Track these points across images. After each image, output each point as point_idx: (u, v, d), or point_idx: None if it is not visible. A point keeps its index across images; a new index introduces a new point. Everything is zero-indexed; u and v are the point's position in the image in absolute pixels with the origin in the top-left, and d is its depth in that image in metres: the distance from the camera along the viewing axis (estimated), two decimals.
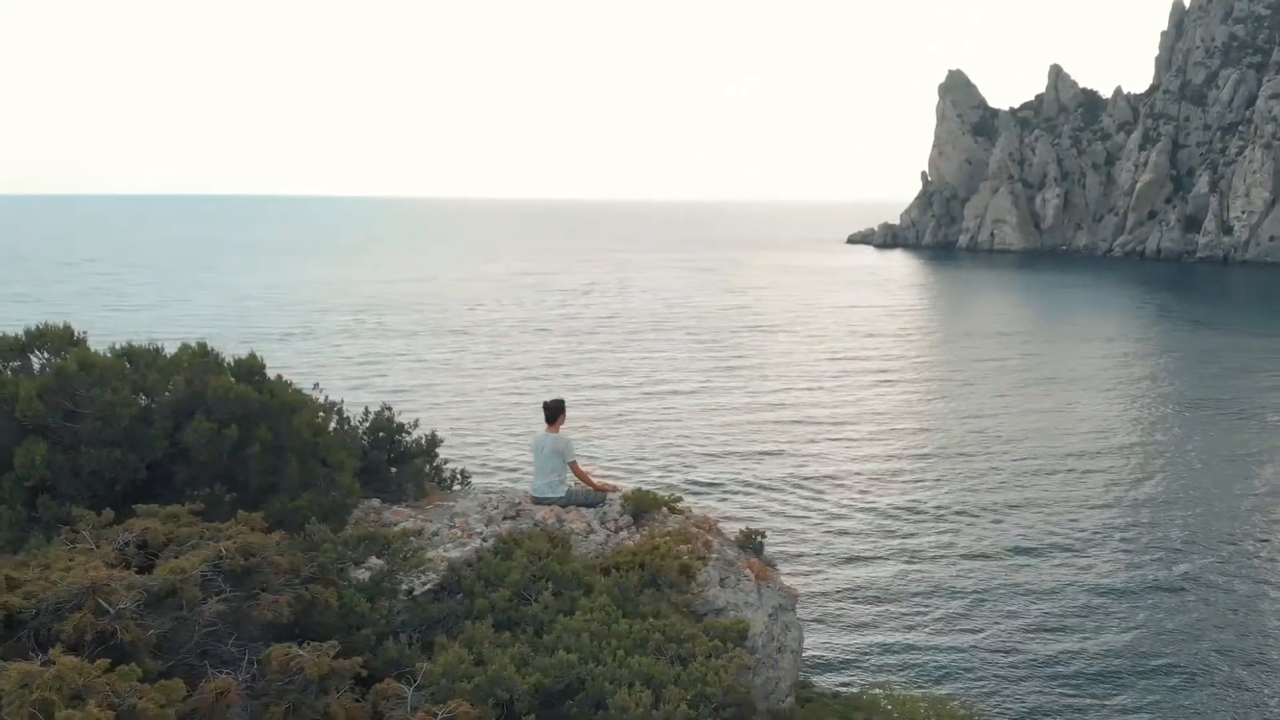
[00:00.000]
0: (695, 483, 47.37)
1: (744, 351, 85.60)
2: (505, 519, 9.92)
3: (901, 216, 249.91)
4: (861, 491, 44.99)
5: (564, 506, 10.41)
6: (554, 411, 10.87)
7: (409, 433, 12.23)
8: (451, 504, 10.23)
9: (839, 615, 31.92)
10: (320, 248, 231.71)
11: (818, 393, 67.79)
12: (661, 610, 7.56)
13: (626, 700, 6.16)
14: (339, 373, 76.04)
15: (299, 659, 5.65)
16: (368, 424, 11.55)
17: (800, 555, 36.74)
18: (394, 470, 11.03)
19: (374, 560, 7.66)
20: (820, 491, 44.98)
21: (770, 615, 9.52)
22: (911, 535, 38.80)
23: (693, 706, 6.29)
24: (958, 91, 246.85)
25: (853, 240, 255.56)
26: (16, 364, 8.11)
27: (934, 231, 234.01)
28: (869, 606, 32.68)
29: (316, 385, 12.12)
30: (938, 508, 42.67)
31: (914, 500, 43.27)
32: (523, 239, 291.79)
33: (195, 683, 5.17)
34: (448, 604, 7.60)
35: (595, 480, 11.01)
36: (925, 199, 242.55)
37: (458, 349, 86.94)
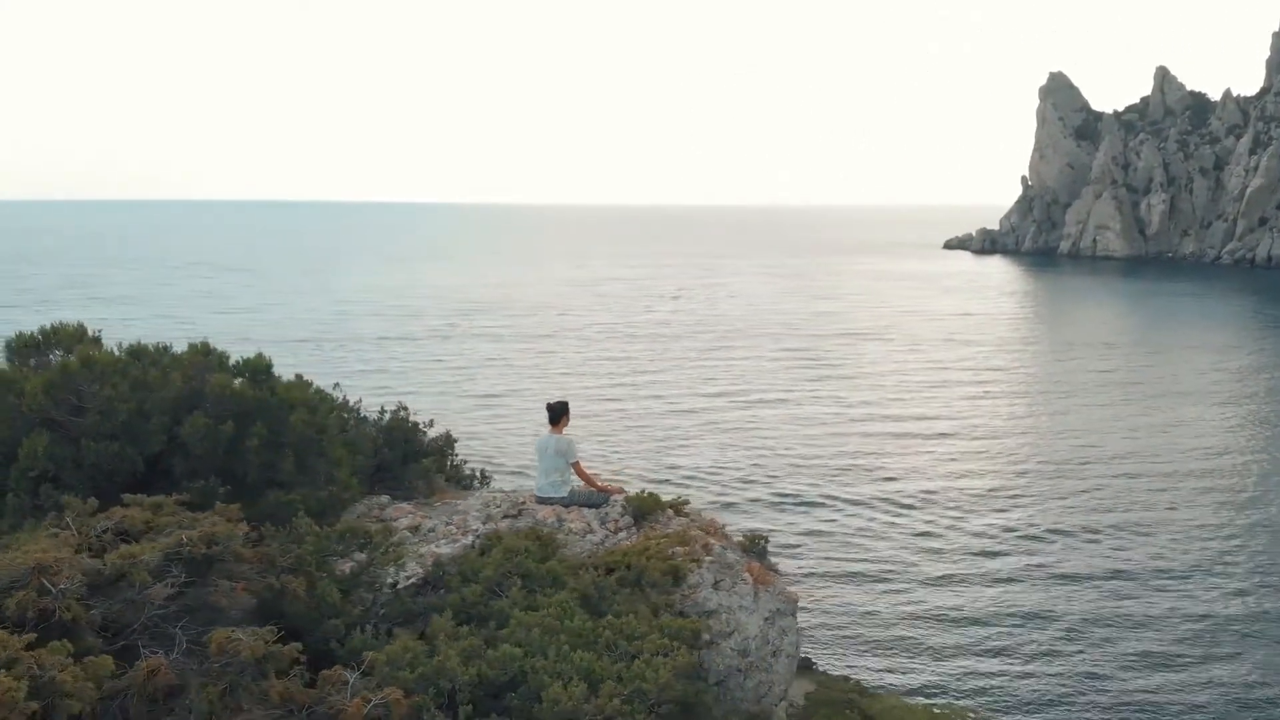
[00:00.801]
0: (779, 495, 46.79)
1: (834, 360, 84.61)
2: (506, 517, 10.16)
3: (1000, 222, 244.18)
4: (953, 508, 43.52)
5: (566, 506, 10.61)
6: (557, 413, 11.09)
7: (424, 433, 12.56)
8: (458, 502, 10.51)
9: (925, 639, 31.32)
10: (413, 253, 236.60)
11: (911, 403, 66.45)
12: (639, 610, 7.67)
13: (559, 694, 6.34)
14: (435, 378, 77.70)
15: (236, 642, 5.98)
16: (384, 423, 11.92)
17: (887, 575, 35.97)
18: (407, 468, 11.39)
19: (359, 554, 7.98)
20: (909, 508, 43.63)
21: (766, 619, 9.54)
22: (1005, 555, 37.16)
23: (627, 702, 6.42)
24: (1059, 94, 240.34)
25: (949, 245, 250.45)
26: (33, 361, 8.66)
27: (1034, 237, 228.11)
28: (957, 629, 31.96)
29: (336, 385, 12.56)
30: (1033, 526, 41.04)
31: (1009, 519, 41.42)
32: (610, 244, 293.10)
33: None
34: (430, 598, 7.87)
35: (599, 482, 11.18)
36: (1025, 204, 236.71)
37: (544, 354, 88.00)
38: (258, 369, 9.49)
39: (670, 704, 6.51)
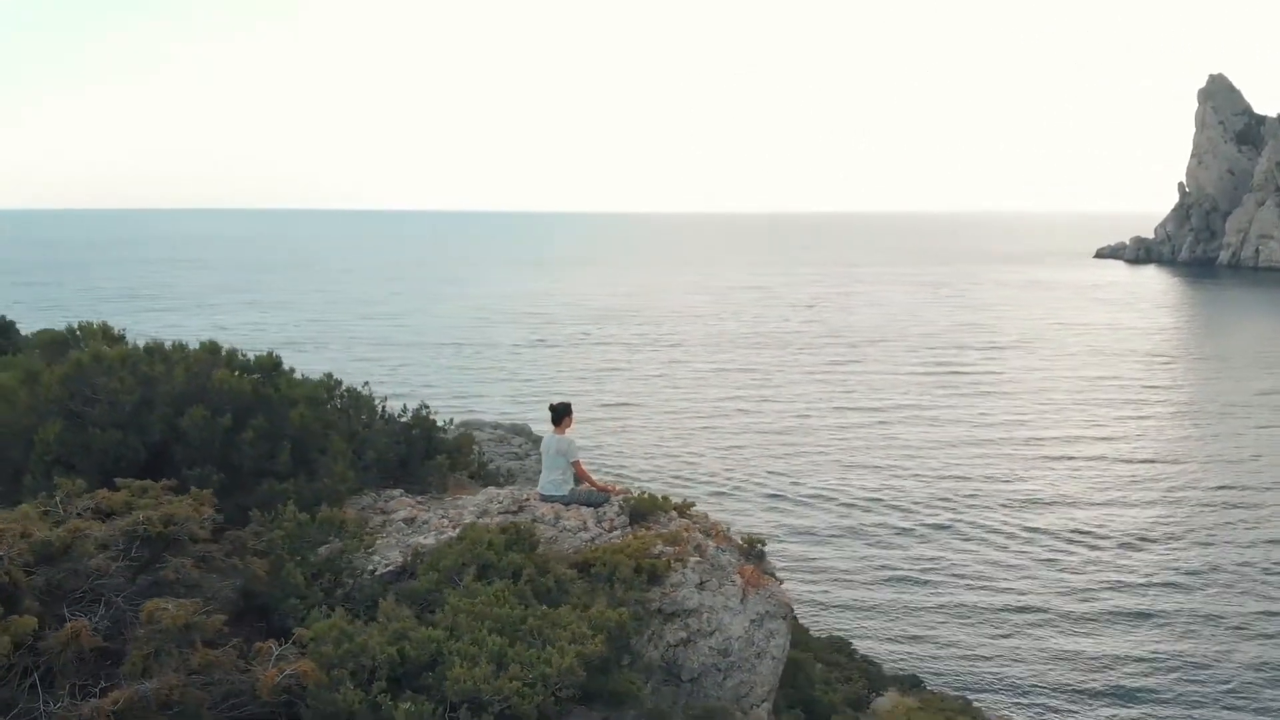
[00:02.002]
0: (907, 516, 45.81)
1: (976, 371, 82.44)
2: (505, 513, 10.55)
3: (1156, 230, 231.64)
4: (1096, 542, 41.24)
5: (566, 505, 10.94)
6: (559, 414, 11.44)
7: (444, 432, 13.10)
8: (464, 498, 10.96)
9: (1055, 681, 30.44)
10: (551, 261, 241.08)
11: (1054, 421, 63.92)
12: (594, 602, 7.95)
13: (462, 673, 6.68)
14: (563, 385, 79.25)
15: (164, 611, 6.53)
16: (406, 420, 12.50)
17: (1019, 609, 34.69)
18: (423, 465, 11.93)
19: (335, 541, 8.53)
20: (1045, 536, 41.51)
21: (753, 621, 9.63)
22: (1152, 595, 35.01)
23: (529, 685, 6.72)
24: (1219, 97, 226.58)
25: (1101, 254, 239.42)
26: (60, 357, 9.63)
27: (1192, 246, 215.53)
28: (1088, 675, 30.97)
29: (366, 384, 13.24)
30: (1184, 563, 38.71)
31: (1158, 555, 39.02)
32: (746, 252, 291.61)
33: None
34: (401, 584, 8.35)
35: (599, 481, 11.47)
36: (1182, 211, 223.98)
37: (672, 362, 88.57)
38: (264, 367, 10.17)
39: (573, 689, 6.78)
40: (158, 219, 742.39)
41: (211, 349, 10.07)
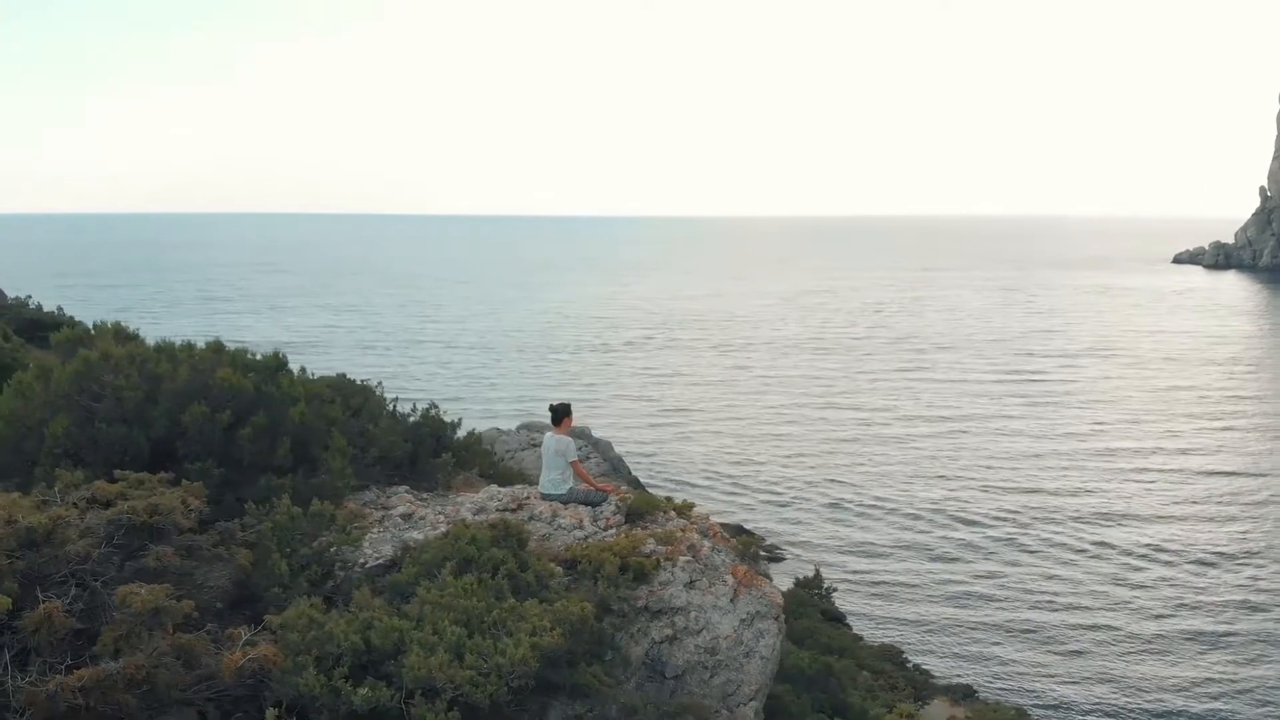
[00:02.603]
0: (970, 518, 45.24)
1: (1048, 379, 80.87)
2: (502, 511, 10.81)
3: (1236, 235, 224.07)
4: (1169, 546, 40.29)
5: (565, 503, 11.17)
6: (559, 414, 11.67)
7: (452, 431, 13.42)
8: (466, 495, 11.25)
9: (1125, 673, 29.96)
10: (617, 266, 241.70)
11: (1129, 427, 62.63)
12: (572, 598, 8.16)
13: (418, 662, 6.93)
14: (625, 389, 79.69)
15: (135, 595, 6.90)
16: (415, 419, 12.83)
17: (1092, 618, 34.19)
18: (429, 462, 12.26)
19: (326, 535, 8.89)
20: (1119, 544, 40.56)
21: (743, 621, 9.74)
22: (1229, 619, 33.92)
23: (483, 675, 6.94)
24: None
25: (1179, 260, 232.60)
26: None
27: (1274, 251, 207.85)
28: (1164, 670, 30.34)
29: (380, 383, 13.64)
30: (1255, 565, 37.46)
31: (1241, 576, 37.74)
32: (812, 256, 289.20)
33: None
34: (388, 577, 8.67)
35: (598, 482, 11.67)
36: (1264, 216, 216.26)
37: (736, 368, 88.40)
38: (268, 367, 10.58)
39: (526, 679, 6.99)
40: (232, 222, 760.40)
41: (216, 348, 10.52)
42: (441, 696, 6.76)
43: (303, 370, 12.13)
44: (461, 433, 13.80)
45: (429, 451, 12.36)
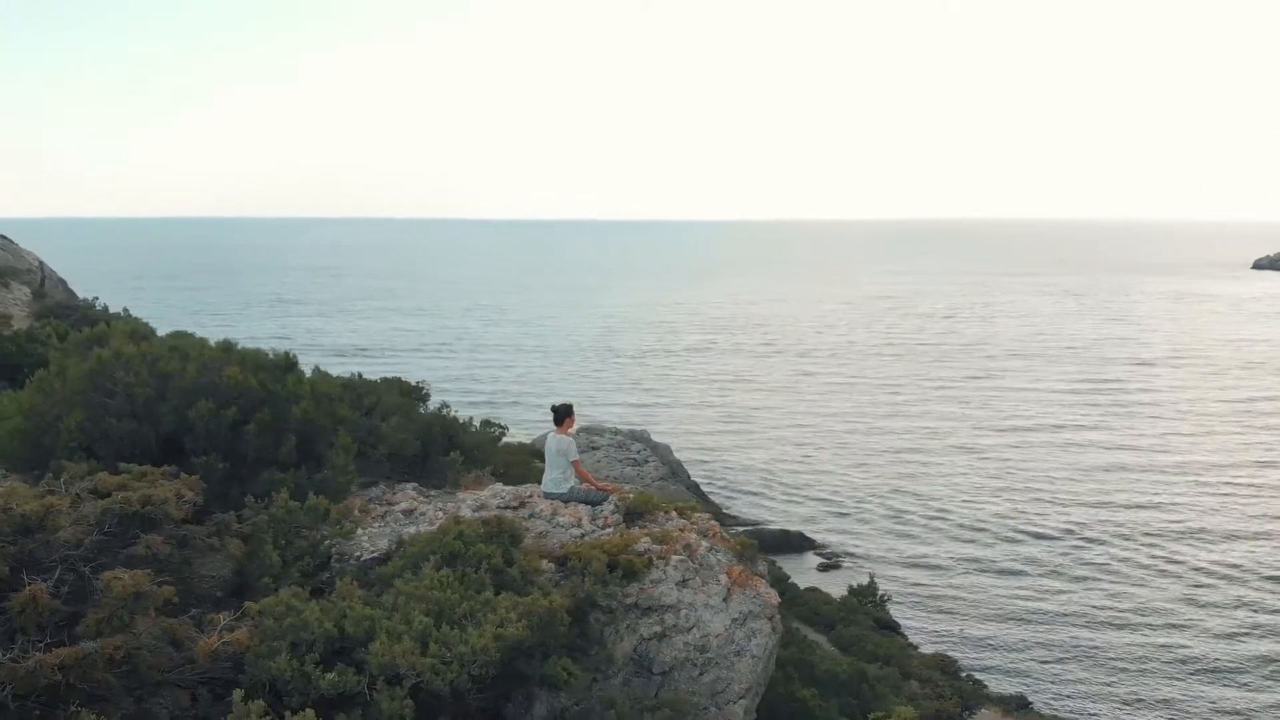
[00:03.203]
0: (1038, 532, 44.30)
1: (1121, 387, 79.09)
2: (503, 508, 11.05)
3: None
4: (1247, 565, 39.25)
5: (566, 502, 11.38)
6: (561, 414, 11.89)
7: (463, 431, 13.71)
8: (471, 493, 11.54)
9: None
10: (680, 270, 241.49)
11: (1207, 440, 60.94)
12: (544, 593, 8.42)
13: (382, 649, 7.19)
14: (687, 394, 79.73)
15: (118, 580, 7.26)
16: (426, 419, 13.15)
17: (1163, 639, 33.29)
18: (439, 461, 12.58)
19: (323, 528, 9.24)
20: (1193, 563, 39.78)
21: (735, 620, 9.86)
22: None
23: (445, 663, 7.18)
24: None
25: (1259, 265, 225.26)
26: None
27: None
28: (1236, 696, 29.60)
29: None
30: None
31: None
32: (877, 260, 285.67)
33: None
34: (379, 569, 8.98)
35: (598, 482, 11.87)
36: None
37: (799, 375, 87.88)
38: (277, 366, 10.97)
39: (486, 667, 7.21)
40: (302, 227, 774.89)
41: (225, 348, 10.95)
42: (403, 683, 7.05)
43: (318, 370, 12.54)
44: (497, 434, 14.09)
45: (440, 450, 12.69)
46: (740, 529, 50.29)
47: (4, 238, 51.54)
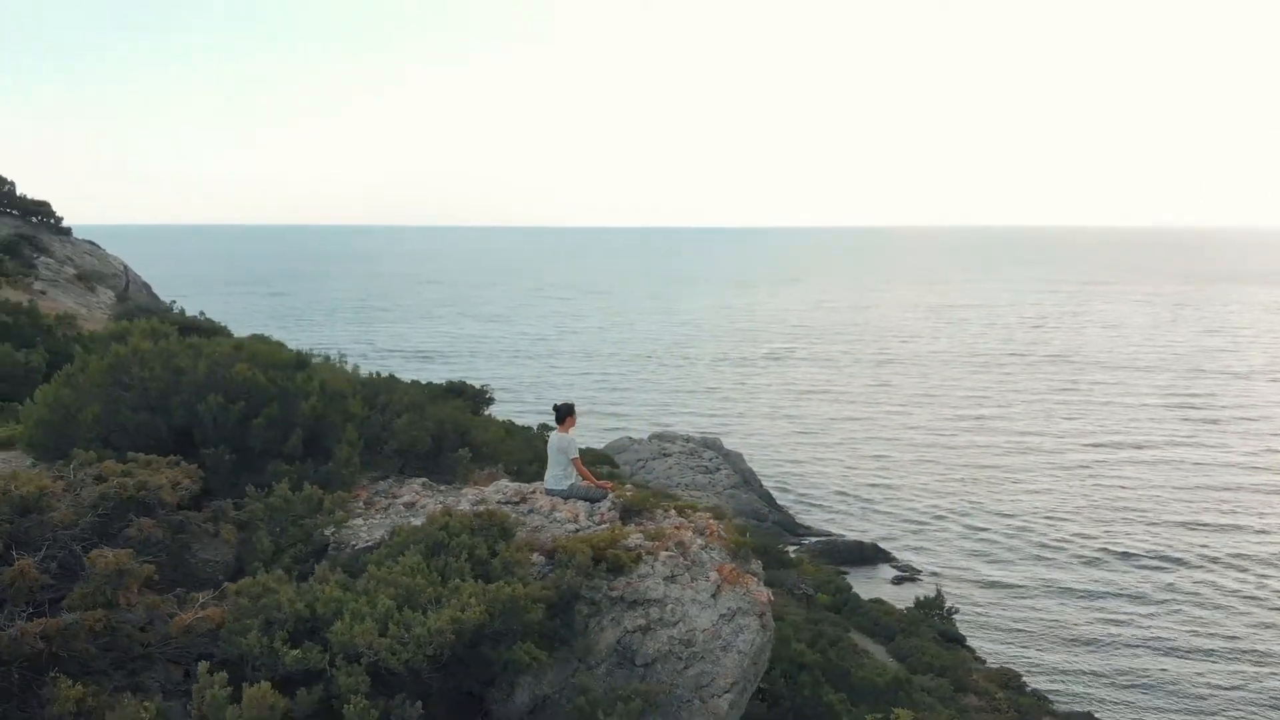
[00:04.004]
0: (1124, 552, 43.33)
1: (1220, 402, 76.76)
2: (504, 503, 11.40)
3: None
4: None
5: (565, 499, 11.70)
6: (562, 414, 12.20)
7: (474, 430, 14.13)
8: (470, 488, 11.93)
9: None
10: (761, 276, 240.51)
11: None
12: (519, 584, 8.77)
13: (341, 628, 7.57)
14: (762, 401, 79.63)
15: (102, 558, 7.77)
16: (440, 416, 13.59)
17: (1257, 676, 32.37)
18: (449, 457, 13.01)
19: (320, 517, 9.72)
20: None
21: (723, 616, 10.03)
22: None
23: (401, 644, 7.54)
24: None
25: None
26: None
27: None
28: None
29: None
30: None
31: None
32: (964, 267, 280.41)
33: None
34: (366, 556, 9.40)
35: (597, 480, 12.18)
36: None
37: (879, 385, 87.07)
38: (287, 364, 11.52)
39: (441, 649, 7.55)
40: (400, 235, 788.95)
41: (237, 346, 11.52)
42: (361, 661, 7.45)
43: (341, 369, 13.05)
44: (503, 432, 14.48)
45: (453, 447, 13.14)
46: (813, 540, 50.08)
47: (92, 243, 53.92)
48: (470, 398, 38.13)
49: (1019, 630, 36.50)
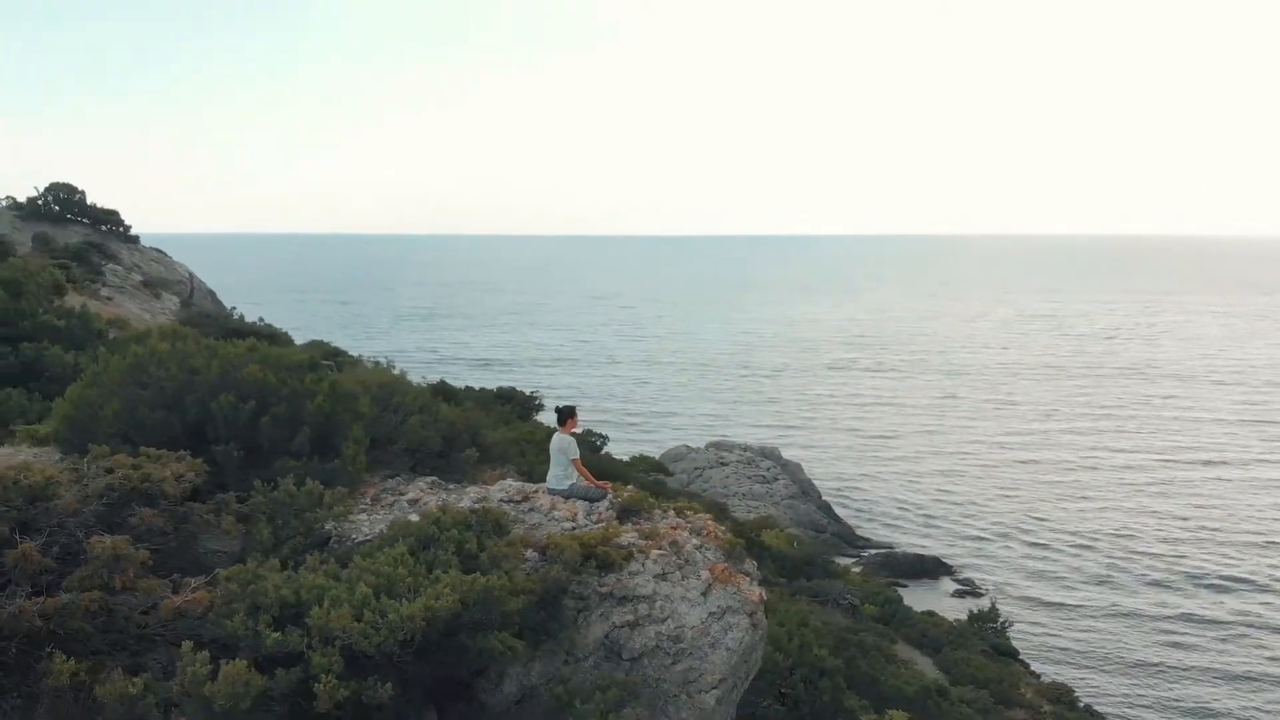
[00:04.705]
0: (1184, 570, 42.43)
1: None
2: (506, 501, 11.78)
3: None
4: None
5: (566, 498, 12.07)
6: (563, 415, 12.59)
7: (485, 430, 14.56)
8: (474, 486, 12.34)
9: None
10: (826, 286, 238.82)
11: None
12: (506, 574, 9.18)
13: (319, 613, 7.99)
14: (824, 413, 79.32)
15: (101, 543, 8.29)
16: (451, 418, 14.06)
17: None
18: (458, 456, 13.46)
19: (319, 510, 10.19)
20: None
21: (712, 614, 10.29)
22: None
23: (374, 628, 7.94)
24: None
25: None
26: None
27: None
28: None
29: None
30: None
31: None
32: (1034, 276, 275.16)
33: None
34: (360, 548, 9.85)
35: (596, 480, 12.55)
36: None
37: (945, 397, 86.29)
38: (298, 366, 12.07)
39: (413, 634, 7.95)
40: (468, 244, 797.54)
41: (251, 347, 12.12)
42: (334, 643, 7.89)
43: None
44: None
45: (463, 447, 13.62)
46: (872, 552, 49.80)
47: (159, 251, 55.66)
48: (520, 403, 38.79)
49: (1079, 651, 36.11)
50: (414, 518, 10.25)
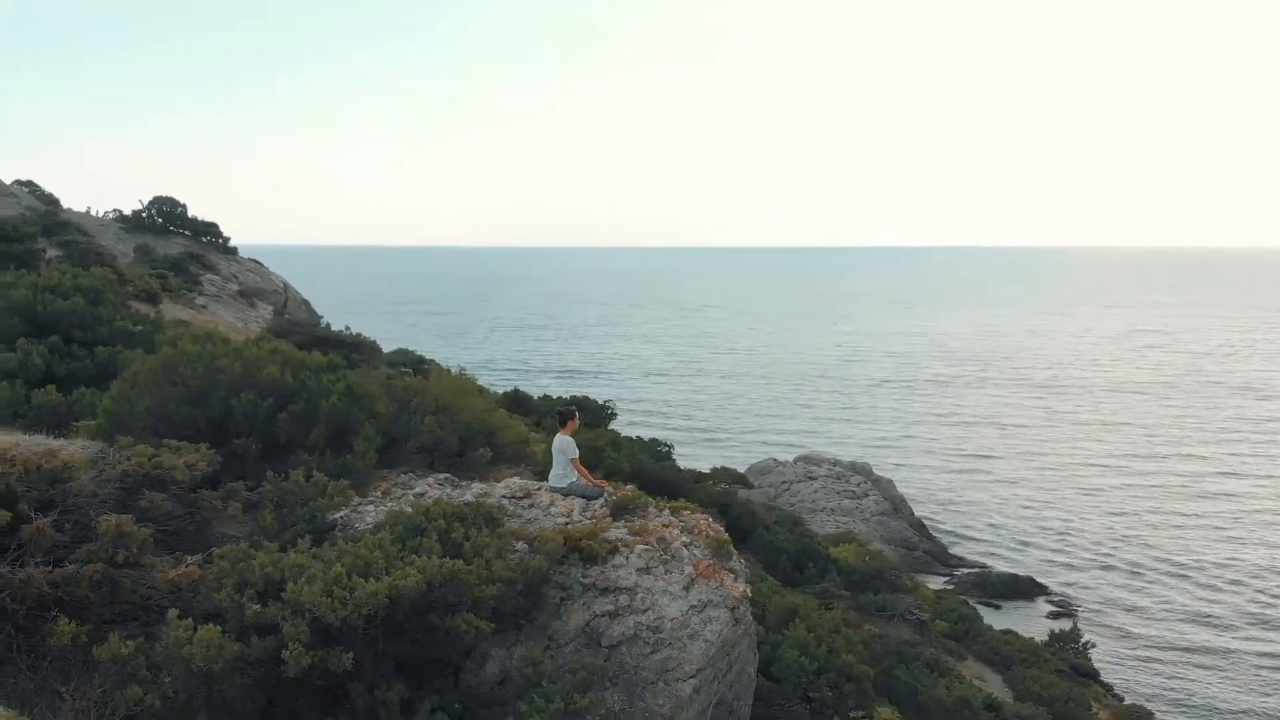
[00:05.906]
0: None
1: None
2: (509, 498, 12.48)
3: None
4: None
5: (565, 496, 12.75)
6: (564, 417, 13.30)
7: (497, 431, 15.35)
8: (479, 483, 13.11)
9: None
10: (928, 298, 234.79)
11: None
12: (486, 562, 9.91)
13: (293, 589, 8.78)
14: (921, 430, 78.52)
15: (107, 521, 9.20)
16: (468, 419, 14.84)
17: None
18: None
19: (322, 500, 11.07)
20: None
21: (693, 607, 10.85)
22: None
23: (341, 603, 8.71)
24: None
25: None
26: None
27: None
28: None
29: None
30: None
31: None
32: (1146, 291, 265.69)
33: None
34: (353, 534, 10.67)
35: (595, 479, 13.25)
36: None
37: (1048, 413, 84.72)
38: (317, 367, 13.02)
39: (377, 609, 8.70)
40: (559, 256, 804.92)
41: (272, 350, 13.14)
42: (304, 616, 8.73)
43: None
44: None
45: (478, 446, 14.46)
46: (964, 571, 49.23)
47: (256, 262, 58.28)
48: (592, 412, 39.79)
49: (1176, 676, 35.42)
50: (409, 509, 11.11)
